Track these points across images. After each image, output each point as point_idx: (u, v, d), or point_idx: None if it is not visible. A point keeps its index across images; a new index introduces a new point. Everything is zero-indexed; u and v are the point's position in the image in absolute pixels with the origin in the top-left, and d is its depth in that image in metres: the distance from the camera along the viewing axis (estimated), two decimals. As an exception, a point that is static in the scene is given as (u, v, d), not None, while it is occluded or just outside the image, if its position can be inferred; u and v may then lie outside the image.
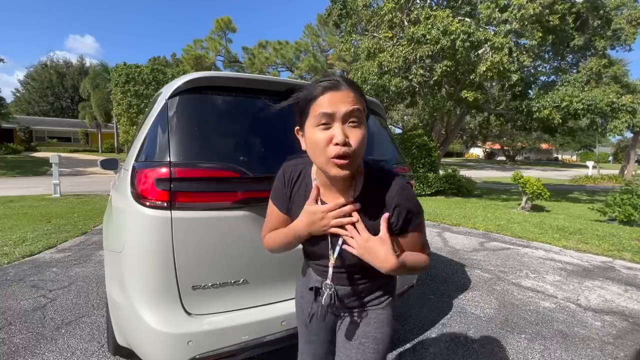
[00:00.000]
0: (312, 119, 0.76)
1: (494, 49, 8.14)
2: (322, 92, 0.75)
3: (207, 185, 1.39)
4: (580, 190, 14.28)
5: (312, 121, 0.76)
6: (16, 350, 2.06)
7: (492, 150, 54.01)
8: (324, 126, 0.75)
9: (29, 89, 42.20)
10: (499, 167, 34.65)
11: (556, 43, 9.42)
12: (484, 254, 4.43)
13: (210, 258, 1.39)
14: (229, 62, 25.16)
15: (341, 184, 0.84)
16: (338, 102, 0.73)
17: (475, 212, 7.62)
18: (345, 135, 0.73)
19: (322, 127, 0.75)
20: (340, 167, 0.75)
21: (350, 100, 0.74)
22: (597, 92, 9.09)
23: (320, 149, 0.75)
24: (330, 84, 0.75)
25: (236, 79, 1.59)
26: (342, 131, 0.73)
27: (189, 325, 1.33)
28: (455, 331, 2.43)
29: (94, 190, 10.31)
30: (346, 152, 0.73)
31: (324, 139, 0.74)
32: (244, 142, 1.59)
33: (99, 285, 3.07)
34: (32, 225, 5.23)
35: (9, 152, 24.28)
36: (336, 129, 0.73)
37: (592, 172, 22.99)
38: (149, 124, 1.53)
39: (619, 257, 4.34)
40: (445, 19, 8.07)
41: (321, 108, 0.74)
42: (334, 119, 0.74)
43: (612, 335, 2.45)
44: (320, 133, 0.75)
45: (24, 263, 3.65)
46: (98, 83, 25.00)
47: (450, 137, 12.63)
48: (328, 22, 13.70)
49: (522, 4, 8.05)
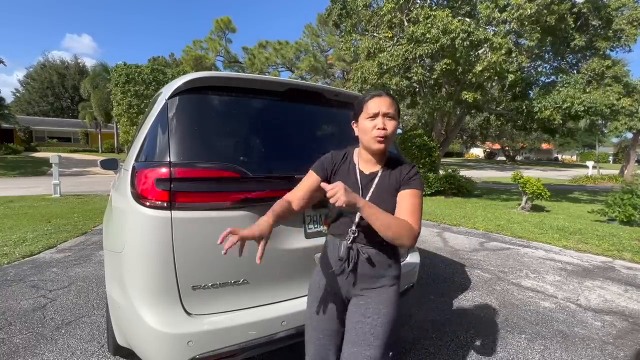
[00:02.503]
0: (365, 114, 1.16)
1: (493, 49, 8.14)
2: (371, 98, 1.16)
3: (207, 185, 1.39)
4: (581, 191, 14.27)
5: (364, 115, 1.16)
6: (16, 350, 2.06)
7: (492, 151, 54.01)
8: (372, 118, 1.14)
9: (29, 89, 42.19)
10: (499, 167, 34.65)
11: (556, 43, 9.42)
12: (484, 254, 4.43)
13: (210, 258, 1.39)
14: (229, 62, 25.17)
15: (377, 157, 1.21)
16: (383, 105, 1.14)
17: (475, 212, 7.62)
18: (384, 124, 1.13)
19: (371, 119, 1.14)
20: (380, 142, 1.14)
21: (388, 104, 1.15)
22: (598, 93, 9.09)
23: (369, 131, 1.14)
24: (377, 94, 1.17)
25: (236, 79, 1.59)
26: (383, 121, 1.13)
27: (189, 326, 1.33)
28: (455, 331, 2.43)
29: (94, 190, 10.31)
30: (384, 134, 1.13)
31: (371, 126, 1.14)
32: (244, 142, 1.59)
33: (99, 286, 3.08)
34: (32, 226, 5.24)
35: (9, 152, 24.27)
36: (379, 119, 1.13)
37: (592, 172, 22.97)
38: (149, 124, 1.53)
39: (619, 257, 4.34)
40: (445, 18, 8.08)
41: (372, 108, 1.14)
42: (378, 114, 1.13)
43: (612, 335, 2.45)
44: (369, 122, 1.15)
45: (24, 263, 3.65)
46: (98, 83, 25.00)
47: (450, 137, 12.63)
48: (328, 22, 13.70)
49: (520, 3, 8.05)
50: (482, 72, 8.23)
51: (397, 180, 1.17)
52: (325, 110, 1.89)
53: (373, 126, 1.13)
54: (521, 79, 9.27)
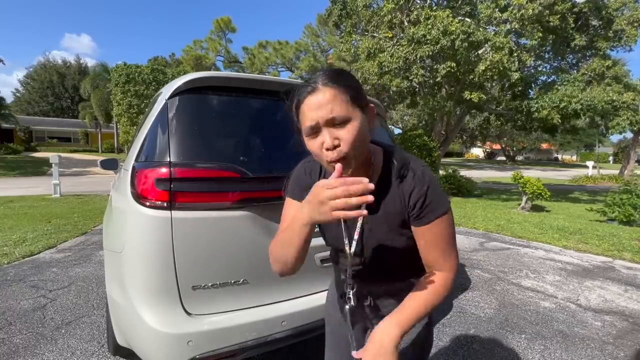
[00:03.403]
0: (304, 130, 0.75)
1: (495, 49, 8.14)
2: (303, 100, 0.73)
3: (207, 185, 1.39)
4: (581, 190, 14.27)
5: (304, 131, 0.75)
6: (16, 350, 2.06)
7: (492, 151, 54.01)
8: (313, 136, 0.73)
9: (29, 89, 42.21)
10: (499, 167, 34.64)
11: (556, 43, 9.42)
12: (484, 254, 4.43)
13: (210, 258, 1.39)
14: (229, 62, 25.16)
15: (360, 171, 0.80)
16: (318, 108, 0.70)
17: (475, 212, 7.62)
18: (334, 138, 0.70)
19: (311, 137, 0.74)
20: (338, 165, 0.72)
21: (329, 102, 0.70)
22: (597, 91, 9.09)
23: (317, 155, 0.75)
24: (310, 89, 0.72)
25: (236, 79, 1.59)
26: (330, 135, 0.70)
27: (189, 326, 1.33)
28: (455, 331, 2.43)
29: (94, 190, 10.31)
30: (338, 155, 0.71)
31: (316, 147, 0.73)
32: (244, 142, 1.59)
33: (99, 286, 3.07)
34: (32, 226, 5.23)
35: (9, 152, 24.27)
36: (324, 135, 0.71)
37: (592, 172, 22.97)
38: (149, 124, 1.53)
39: (619, 257, 4.34)
40: (445, 19, 8.08)
41: (306, 119, 0.73)
42: (319, 126, 0.71)
43: (612, 335, 2.45)
44: (312, 142, 0.74)
45: (24, 263, 3.65)
46: (98, 83, 25.02)
47: (450, 137, 12.63)
48: (328, 22, 13.69)
49: (522, 3, 8.05)
50: (485, 71, 8.22)
51: (402, 205, 0.80)
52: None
53: (319, 146, 0.72)
54: (521, 78, 9.27)
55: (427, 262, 0.82)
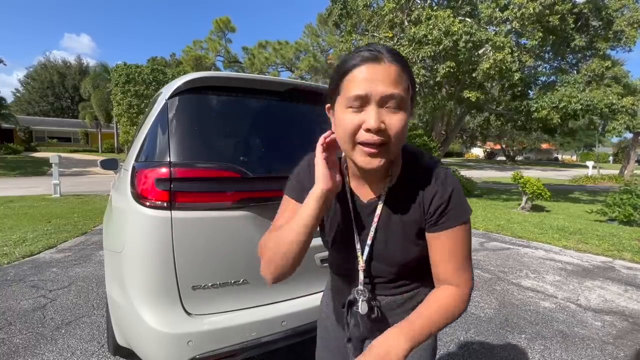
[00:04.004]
0: (344, 99, 0.62)
1: (496, 48, 8.14)
2: (358, 64, 0.61)
3: (207, 185, 1.39)
4: (581, 190, 14.27)
5: (343, 101, 0.63)
6: (16, 350, 2.06)
7: (492, 150, 54.01)
8: (357, 109, 0.61)
9: (29, 89, 42.22)
10: (499, 167, 34.64)
11: (556, 43, 9.42)
12: (484, 254, 4.43)
13: (210, 258, 1.39)
14: (229, 62, 25.17)
15: (373, 175, 0.72)
16: (376, 79, 0.59)
17: (475, 212, 7.62)
18: (380, 121, 0.60)
19: (353, 109, 0.62)
20: (370, 156, 0.62)
21: (391, 79, 0.60)
22: (597, 92, 9.09)
23: (349, 134, 0.62)
24: (370, 55, 0.60)
25: (236, 79, 1.59)
26: (377, 116, 0.60)
27: (189, 326, 1.33)
28: (455, 331, 2.43)
29: (94, 190, 10.31)
30: (380, 140, 0.61)
31: (352, 124, 0.61)
32: (244, 142, 1.60)
33: (99, 285, 3.07)
34: (32, 226, 5.23)
35: (9, 152, 24.27)
36: (370, 112, 0.60)
37: (592, 172, 22.98)
38: (149, 124, 1.53)
39: (619, 257, 4.34)
40: (446, 19, 8.08)
41: (354, 86, 0.60)
42: (368, 101, 0.60)
43: (612, 335, 2.45)
44: (349, 116, 0.62)
45: (24, 263, 3.65)
46: (98, 83, 25.03)
47: (450, 137, 12.63)
48: (328, 22, 13.68)
49: (523, 2, 8.06)
50: (487, 70, 8.22)
51: (420, 212, 0.72)
52: (326, 110, 1.88)
53: (357, 124, 0.61)
54: (521, 78, 9.28)
55: (439, 275, 0.74)
